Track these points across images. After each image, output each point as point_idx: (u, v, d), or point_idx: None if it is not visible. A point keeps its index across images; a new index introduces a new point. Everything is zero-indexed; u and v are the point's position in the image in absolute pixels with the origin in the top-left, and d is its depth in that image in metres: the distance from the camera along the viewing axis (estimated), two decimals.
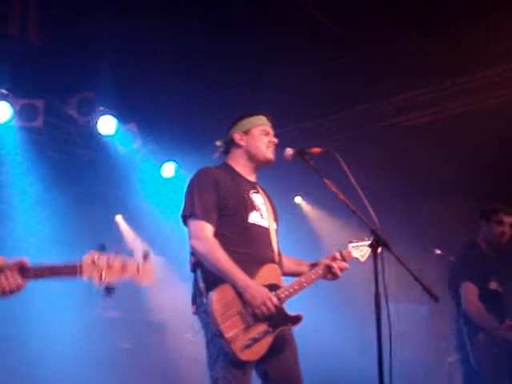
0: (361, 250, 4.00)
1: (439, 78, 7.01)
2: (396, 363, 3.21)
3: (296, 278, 3.79)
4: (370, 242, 3.86)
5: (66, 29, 5.97)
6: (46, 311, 7.43)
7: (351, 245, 4.01)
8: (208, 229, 3.63)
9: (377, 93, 7.25)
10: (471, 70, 6.88)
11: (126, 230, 9.26)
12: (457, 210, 7.68)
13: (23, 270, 2.82)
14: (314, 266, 3.92)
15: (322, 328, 7.67)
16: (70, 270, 2.82)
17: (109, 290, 2.85)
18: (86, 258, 2.82)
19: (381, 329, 3.17)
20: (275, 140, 3.96)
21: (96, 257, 2.83)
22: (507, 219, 5.24)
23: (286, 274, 3.87)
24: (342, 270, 3.87)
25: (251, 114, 4.00)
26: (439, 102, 7.37)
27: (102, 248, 2.85)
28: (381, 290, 3.23)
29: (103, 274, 2.80)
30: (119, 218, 9.30)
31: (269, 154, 3.93)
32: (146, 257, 2.89)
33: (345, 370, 7.49)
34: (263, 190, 4.04)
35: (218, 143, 4.05)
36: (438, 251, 5.92)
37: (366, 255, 4.00)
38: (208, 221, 3.64)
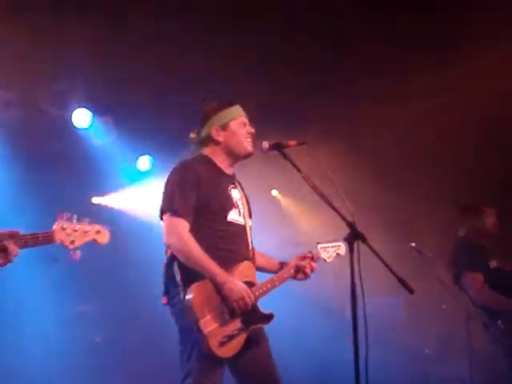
0: (327, 252, 4.18)
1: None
2: (372, 355, 3.23)
3: (269, 277, 3.86)
4: (337, 244, 4.09)
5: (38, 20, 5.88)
6: (15, 307, 7.34)
7: (319, 246, 4.16)
8: (184, 226, 3.61)
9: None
10: None
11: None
12: None
13: (16, 240, 2.99)
14: (282, 264, 4.03)
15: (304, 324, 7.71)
16: (47, 238, 3.09)
17: (74, 251, 3.16)
18: (56, 226, 3.12)
19: (357, 319, 3.20)
20: (253, 130, 3.93)
21: (64, 224, 3.13)
22: (492, 211, 5.34)
23: (256, 269, 3.91)
24: (312, 270, 3.97)
25: (226, 105, 3.94)
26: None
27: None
28: (357, 281, 3.26)
29: (72, 239, 3.13)
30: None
31: (249, 147, 3.90)
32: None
33: (321, 364, 7.52)
34: (239, 184, 4.02)
35: (192, 135, 4.00)
36: (413, 244, 5.93)
37: (332, 256, 4.21)
38: (185, 218, 3.62)
